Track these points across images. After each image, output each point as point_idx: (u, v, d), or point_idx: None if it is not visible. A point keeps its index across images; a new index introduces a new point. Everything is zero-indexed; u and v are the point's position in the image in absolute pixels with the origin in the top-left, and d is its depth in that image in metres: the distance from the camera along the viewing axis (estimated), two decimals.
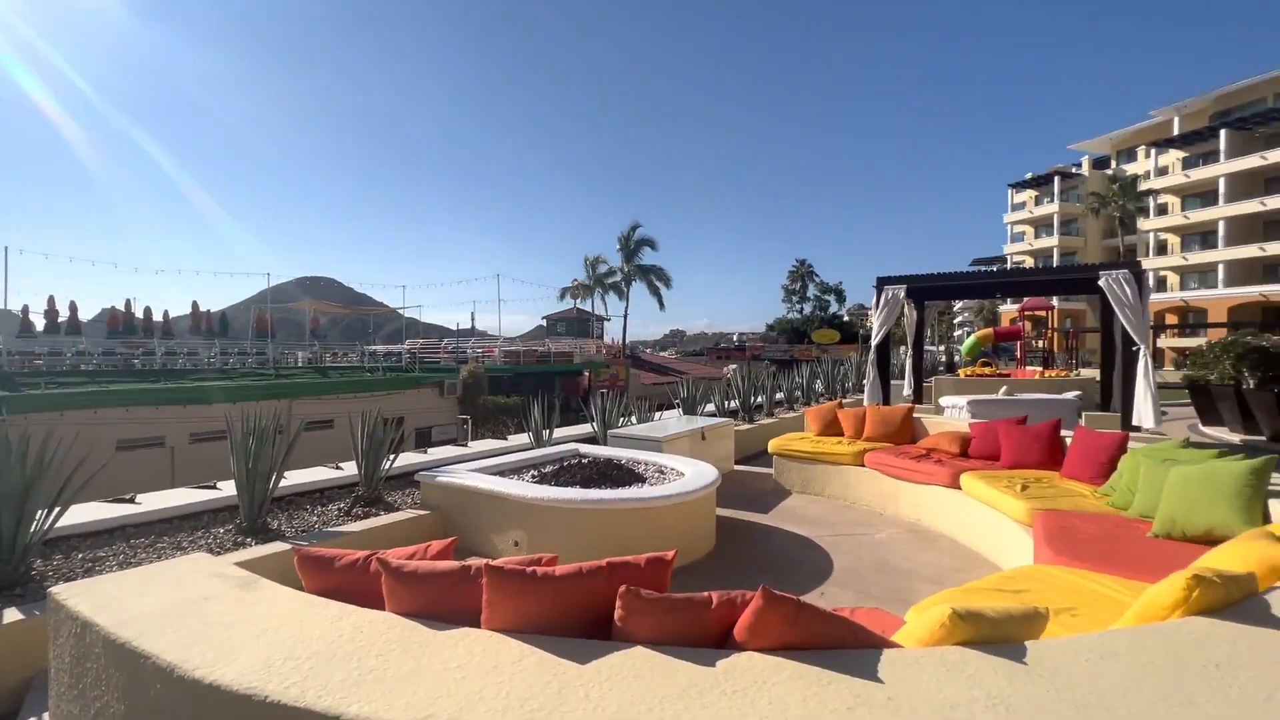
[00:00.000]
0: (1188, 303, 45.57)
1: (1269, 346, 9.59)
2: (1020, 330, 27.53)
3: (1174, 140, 48.34)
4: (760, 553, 4.29)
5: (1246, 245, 43.21)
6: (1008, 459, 4.64)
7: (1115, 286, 7.80)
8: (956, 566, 3.94)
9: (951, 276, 9.78)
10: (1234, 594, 1.54)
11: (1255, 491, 2.61)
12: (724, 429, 6.99)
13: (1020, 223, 62.01)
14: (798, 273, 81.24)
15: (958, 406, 9.41)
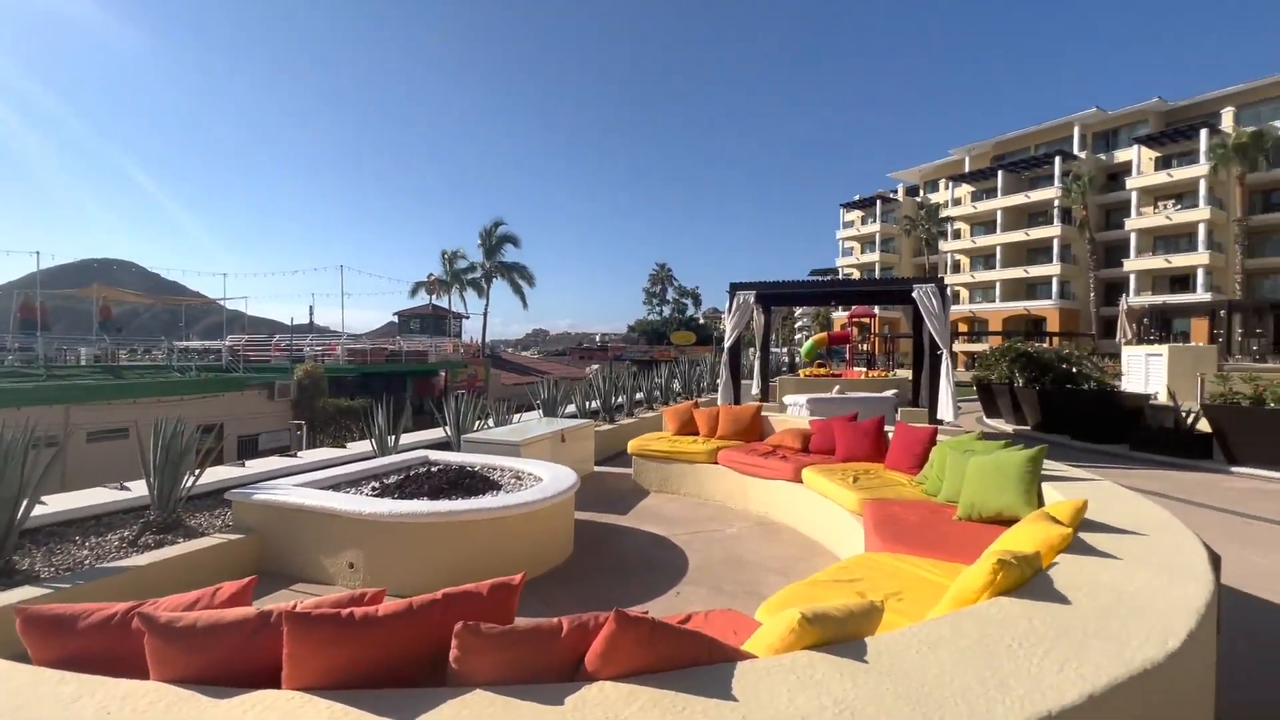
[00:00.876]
0: (974, 314, 54.05)
1: (1034, 352, 11.60)
2: (849, 335, 30.81)
3: (965, 176, 57.15)
4: (619, 555, 4.26)
5: (1016, 267, 52.27)
6: (841, 453, 5.08)
7: (925, 298, 8.94)
8: (799, 556, 4.21)
9: (794, 284, 10.63)
10: (1026, 572, 1.74)
11: (1032, 477, 3.06)
12: (584, 430, 6.92)
13: (850, 239, 69.48)
14: (658, 276, 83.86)
15: (799, 404, 10.20)
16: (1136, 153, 46.60)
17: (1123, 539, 2.12)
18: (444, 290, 40.60)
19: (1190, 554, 1.96)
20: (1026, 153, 53.96)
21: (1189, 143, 44.09)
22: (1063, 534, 1.96)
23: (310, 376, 19.95)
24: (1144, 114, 48.12)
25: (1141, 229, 45.62)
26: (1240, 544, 4.80)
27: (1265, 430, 7.47)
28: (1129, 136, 48.37)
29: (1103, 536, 2.14)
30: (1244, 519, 5.56)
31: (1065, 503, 2.32)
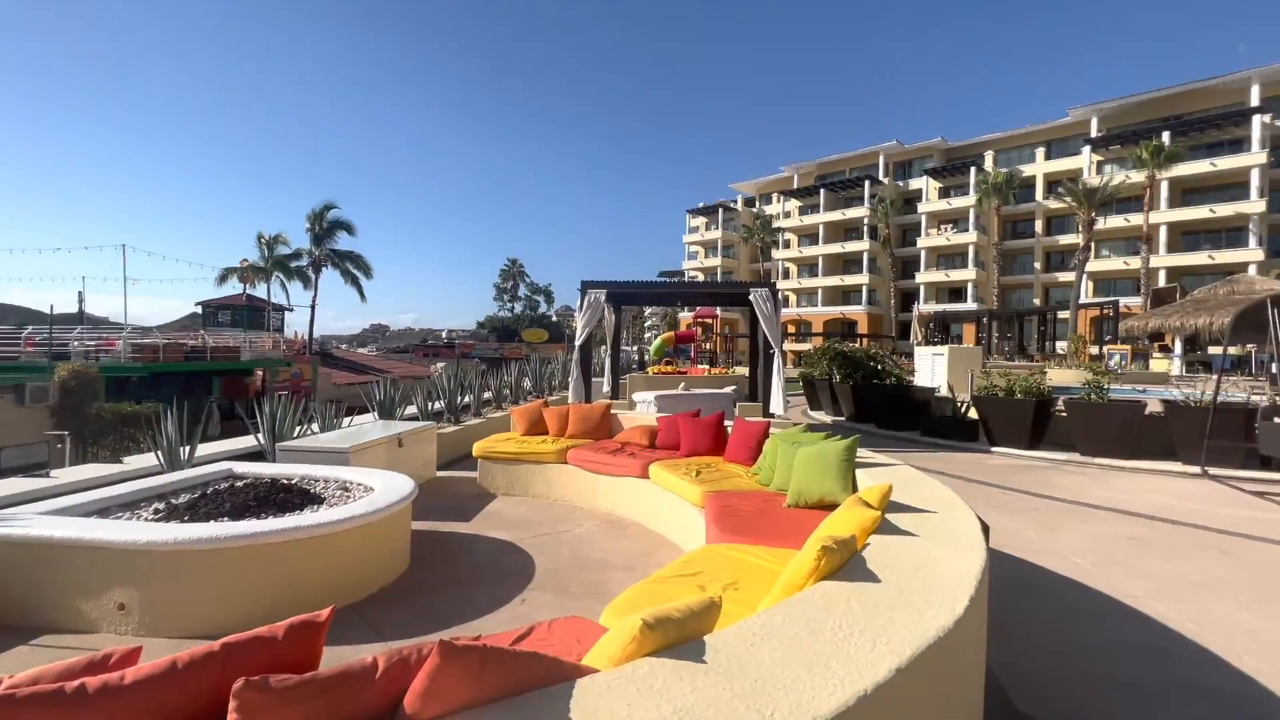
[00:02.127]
0: (801, 316, 59.93)
1: (848, 351, 13.09)
2: (694, 334, 32.48)
3: (794, 192, 63.07)
4: (461, 566, 4.02)
5: (834, 276, 58.83)
6: (686, 448, 5.28)
7: (760, 301, 9.66)
8: (646, 551, 4.29)
9: (644, 284, 10.91)
10: (845, 555, 1.89)
11: (848, 465, 3.41)
12: (425, 433, 6.47)
13: (695, 244, 73.38)
14: (509, 272, 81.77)
15: (648, 401, 10.48)
16: (925, 182, 54.84)
17: (919, 517, 2.42)
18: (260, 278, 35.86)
19: (968, 527, 2.28)
20: (843, 175, 60.95)
21: (963, 177, 52.81)
22: (874, 517, 2.17)
23: (78, 377, 16.48)
24: (931, 150, 56.74)
25: (929, 247, 53.78)
26: (996, 510, 5.79)
27: (1014, 416, 9.14)
28: (920, 168, 56.70)
29: (904, 516, 2.42)
30: (1000, 489, 6.73)
31: (875, 488, 2.59)
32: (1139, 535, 5.09)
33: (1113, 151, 44.79)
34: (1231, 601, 3.72)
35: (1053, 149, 50.36)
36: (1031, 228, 51.03)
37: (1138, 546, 4.80)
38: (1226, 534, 5.16)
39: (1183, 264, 40.96)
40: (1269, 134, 40.20)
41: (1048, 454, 8.72)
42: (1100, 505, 6.08)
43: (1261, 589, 3.93)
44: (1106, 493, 6.65)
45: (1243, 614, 3.55)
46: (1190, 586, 3.97)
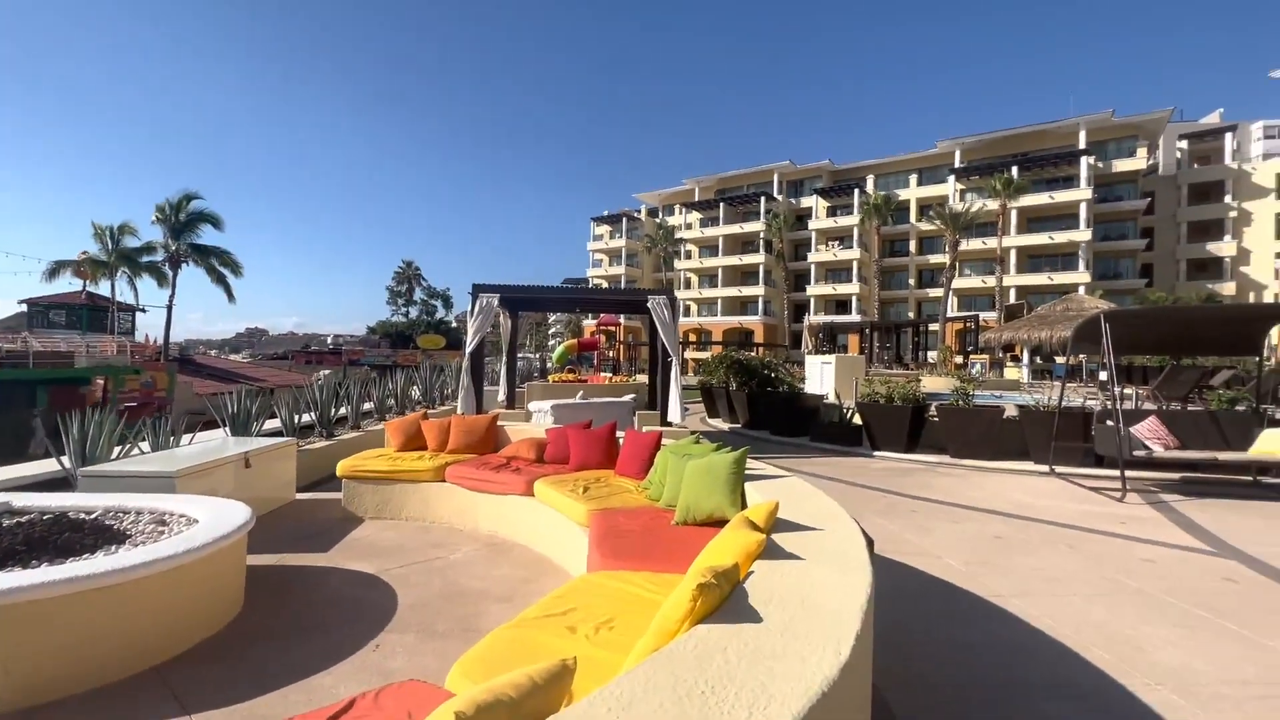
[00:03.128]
0: (702, 325, 61.56)
1: (743, 360, 13.39)
2: (597, 342, 32.29)
3: (695, 204, 64.83)
4: (306, 605, 3.47)
5: (733, 287, 60.97)
6: (575, 462, 4.99)
7: (658, 309, 9.58)
8: (528, 578, 3.94)
9: (539, 290, 10.52)
10: (725, 588, 1.69)
11: (737, 479, 3.27)
12: (282, 450, 5.71)
13: (599, 251, 73.45)
14: (404, 274, 77.70)
15: (543, 410, 10.07)
16: (815, 201, 58.34)
17: (805, 537, 2.28)
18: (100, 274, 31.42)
19: (854, 545, 2.17)
20: (741, 190, 63.51)
21: (848, 198, 56.70)
22: (758, 541, 2.00)
23: None
24: (820, 171, 60.50)
25: (818, 262, 57.19)
26: (880, 515, 5.99)
27: (893, 422, 9.67)
28: (810, 187, 60.27)
29: (790, 536, 2.28)
30: (883, 493, 7.01)
31: (761, 506, 2.44)
32: (1002, 534, 5.42)
33: (973, 181, 49.93)
34: (1081, 595, 3.97)
35: (924, 176, 55.37)
36: (907, 247, 55.74)
37: (1002, 545, 5.09)
38: (1073, 528, 5.63)
39: (1029, 283, 46.32)
40: (1093, 173, 46.55)
41: (924, 457, 9.28)
42: (969, 505, 6.46)
43: (1103, 581, 4.25)
44: (974, 493, 7.11)
45: (1090, 607, 3.79)
46: (1046, 581, 4.22)
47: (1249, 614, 3.70)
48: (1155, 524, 5.84)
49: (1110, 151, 47.93)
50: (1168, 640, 3.33)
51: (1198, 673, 2.98)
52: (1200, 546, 5.12)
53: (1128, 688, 2.84)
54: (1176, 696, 2.77)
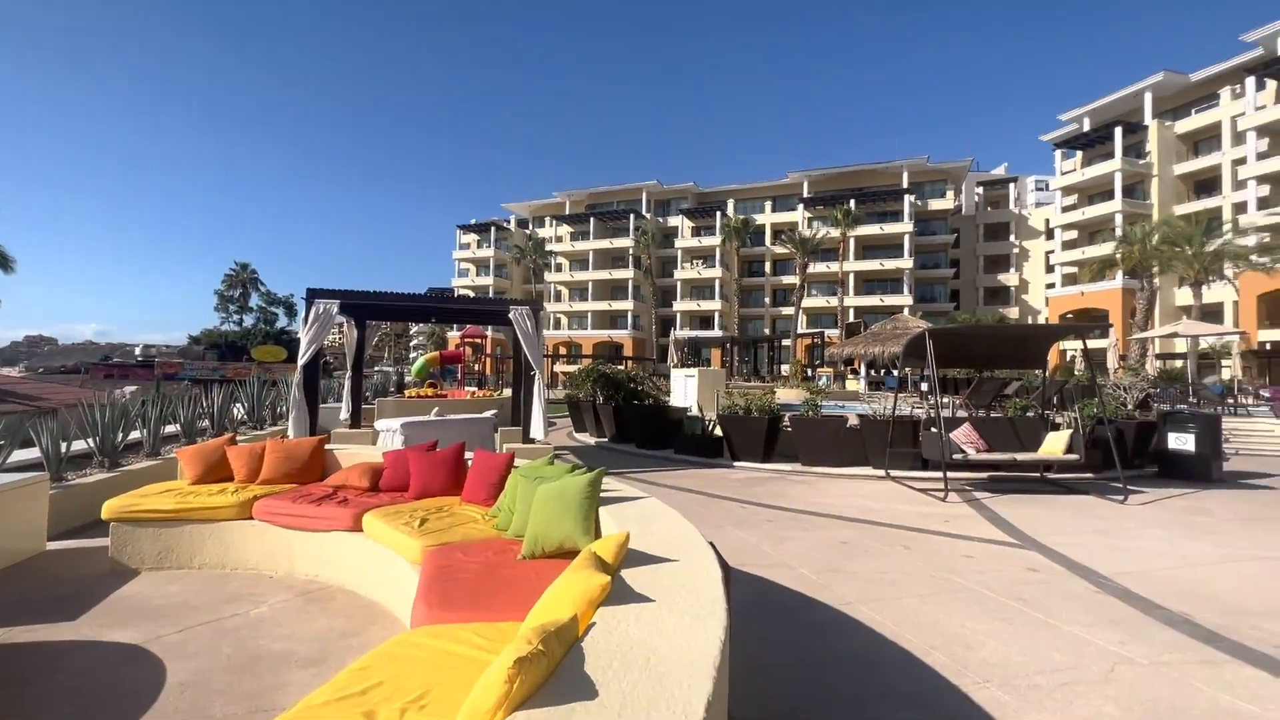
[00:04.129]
0: (572, 338, 61.30)
1: (610, 373, 13.28)
2: (462, 354, 30.71)
3: (566, 218, 64.71)
4: (36, 698, 2.62)
5: (603, 301, 61.48)
6: (416, 489, 4.43)
7: (521, 320, 9.13)
8: (350, 630, 3.35)
9: (387, 296, 9.59)
10: (557, 653, 1.39)
11: (590, 504, 3.00)
12: (28, 490, 4.49)
13: (466, 261, 70.58)
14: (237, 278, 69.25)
15: (392, 430, 9.17)
16: (681, 221, 60.75)
17: (658, 572, 2.06)
18: None
19: (709, 579, 1.98)
20: (611, 206, 64.48)
21: (711, 219, 59.72)
22: (602, 585, 1.73)
23: None
24: (686, 192, 63.20)
25: (684, 279, 59.48)
26: (738, 526, 6.05)
27: (751, 433, 10.03)
28: (677, 207, 62.70)
29: (642, 572, 2.04)
30: (741, 504, 7.14)
31: (611, 539, 2.19)
32: (848, 539, 5.69)
33: (819, 210, 54.96)
34: (917, 596, 4.19)
35: (777, 203, 59.96)
36: (763, 268, 59.87)
37: (848, 550, 5.32)
38: (907, 529, 6.06)
39: (865, 304, 51.72)
40: (914, 210, 53.24)
41: (778, 465, 9.70)
42: (819, 512, 6.76)
43: (934, 580, 4.55)
44: (822, 499, 7.49)
45: (926, 607, 3.99)
46: (889, 585, 4.42)
47: (1050, 601, 4.11)
48: (971, 521, 6.48)
49: (927, 192, 55.32)
50: (990, 634, 3.57)
51: (1016, 665, 3.19)
52: (1007, 540, 5.73)
53: (962, 689, 2.96)
54: (1001, 693, 2.91)
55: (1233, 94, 39.11)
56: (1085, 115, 47.22)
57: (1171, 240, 31.21)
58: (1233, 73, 39.07)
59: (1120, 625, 3.72)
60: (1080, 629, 3.65)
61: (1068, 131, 48.42)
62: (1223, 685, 3.00)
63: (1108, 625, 3.71)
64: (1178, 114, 42.99)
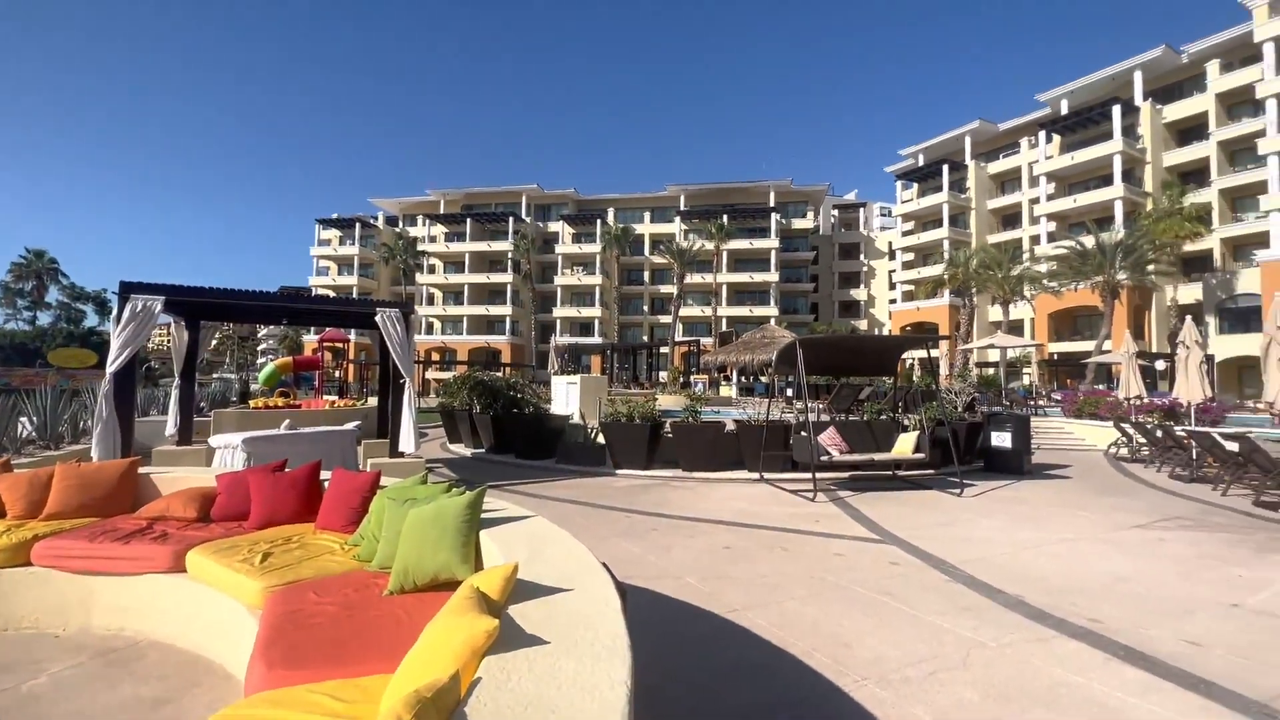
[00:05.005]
0: (446, 344, 58.41)
1: (488, 380, 12.69)
2: (319, 360, 28.00)
3: (441, 217, 61.69)
4: None
5: (480, 305, 59.34)
6: (258, 517, 3.81)
7: (388, 323, 8.40)
8: (163, 697, 2.75)
9: (228, 293, 8.37)
10: None
11: (470, 526, 2.70)
12: None
13: (326, 258, 64.76)
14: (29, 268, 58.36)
15: (231, 446, 8.03)
16: (562, 227, 60.33)
17: (551, 605, 1.85)
18: None
19: (606, 608, 1.81)
20: (490, 208, 62.50)
21: (591, 227, 59.90)
22: (487, 631, 1.49)
23: None
24: (566, 198, 62.90)
25: (564, 285, 59.06)
26: (623, 536, 5.94)
27: (634, 440, 10.02)
28: (557, 213, 62.19)
29: (532, 607, 1.82)
30: (625, 513, 7.05)
31: (495, 571, 1.94)
32: (731, 544, 5.79)
33: (695, 223, 57.19)
34: (798, 599, 4.32)
35: (656, 214, 61.54)
36: (642, 276, 61.09)
37: (731, 555, 5.40)
38: (783, 531, 6.31)
39: (736, 314, 54.51)
40: (779, 228, 57.10)
41: (660, 472, 9.77)
42: (701, 518, 6.85)
43: (811, 580, 4.73)
44: (704, 504, 7.61)
45: (806, 609, 4.12)
46: (770, 589, 4.52)
47: (911, 594, 4.42)
48: (839, 520, 6.90)
49: (790, 211, 59.70)
50: (866, 631, 3.74)
51: (890, 660, 3.35)
52: (870, 536, 6.15)
53: (844, 689, 3.04)
54: (879, 689, 3.03)
55: (1029, 144, 46.39)
56: (920, 152, 53.60)
57: (986, 265, 36.34)
58: (1029, 126, 46.38)
59: (970, 611, 4.08)
60: (939, 618, 3.95)
61: (906, 165, 54.66)
62: (1055, 660, 3.36)
63: (961, 613, 4.05)
64: (989, 157, 50.16)
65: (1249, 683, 3.12)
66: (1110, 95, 40.41)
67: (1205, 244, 35.59)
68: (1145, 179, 38.88)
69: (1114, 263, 30.36)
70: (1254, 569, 5.11)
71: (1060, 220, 41.61)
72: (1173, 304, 36.62)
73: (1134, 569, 5.09)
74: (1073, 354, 36.83)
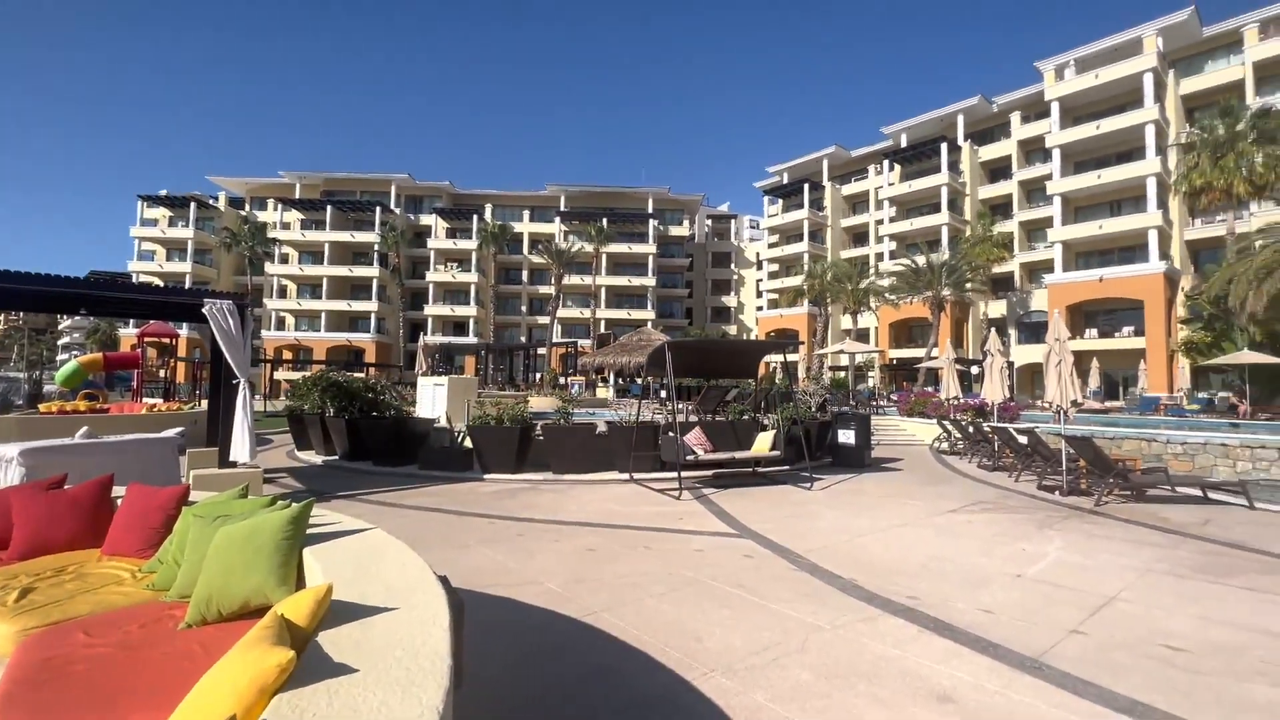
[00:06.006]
0: (300, 342, 53.25)
1: (343, 381, 11.70)
2: (137, 357, 24.25)
3: (296, 202, 56.17)
4: None
5: (341, 300, 54.81)
6: (23, 544, 3.16)
7: (219, 316, 7.44)
8: None
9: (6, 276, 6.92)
10: None
11: (291, 545, 2.42)
12: None
13: (151, 240, 56.44)
14: None
15: (7, 460, 6.69)
16: (435, 221, 57.46)
17: (369, 627, 1.69)
18: None
19: (432, 628, 1.69)
20: (354, 196, 57.95)
21: (468, 222, 57.63)
22: (281, 664, 1.32)
23: None
24: (441, 191, 60.00)
25: (437, 282, 56.27)
26: (485, 544, 5.72)
27: (503, 443, 9.74)
28: (430, 206, 59.16)
29: (347, 632, 1.65)
30: (489, 519, 6.81)
31: (304, 595, 1.74)
32: (595, 545, 5.79)
33: (574, 225, 57.07)
34: (656, 596, 4.40)
35: (535, 213, 60.61)
36: (520, 276, 59.85)
37: (594, 558, 5.39)
38: (648, 530, 6.43)
39: (614, 317, 55.15)
40: (657, 234, 58.64)
41: (530, 475, 9.57)
42: (568, 520, 6.79)
43: (671, 578, 4.85)
44: (572, 506, 7.56)
45: (663, 606, 4.21)
46: (630, 588, 4.57)
47: (762, 584, 4.68)
48: (701, 517, 7.17)
49: (668, 219, 61.59)
50: (717, 623, 3.89)
51: (738, 650, 3.51)
52: (729, 531, 6.45)
53: (692, 682, 3.13)
54: (725, 679, 3.16)
55: (875, 171, 51.75)
56: (785, 171, 57.71)
57: (839, 278, 40.01)
58: (876, 154, 51.72)
59: (811, 597, 4.39)
60: (783, 605, 4.21)
61: (772, 182, 58.59)
62: (878, 637, 3.71)
63: (803, 599, 4.35)
64: (844, 180, 55.23)
65: (1025, 642, 3.65)
66: (939, 134, 46.18)
67: (1009, 267, 41.82)
68: (966, 209, 44.87)
69: (940, 280, 34.79)
70: (1035, 544, 6.03)
71: (900, 240, 46.77)
72: (984, 317, 42.58)
73: (946, 549, 5.79)
74: (908, 359, 41.51)
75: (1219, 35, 34.89)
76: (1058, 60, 38.27)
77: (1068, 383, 9.38)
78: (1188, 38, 35.15)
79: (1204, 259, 33.58)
